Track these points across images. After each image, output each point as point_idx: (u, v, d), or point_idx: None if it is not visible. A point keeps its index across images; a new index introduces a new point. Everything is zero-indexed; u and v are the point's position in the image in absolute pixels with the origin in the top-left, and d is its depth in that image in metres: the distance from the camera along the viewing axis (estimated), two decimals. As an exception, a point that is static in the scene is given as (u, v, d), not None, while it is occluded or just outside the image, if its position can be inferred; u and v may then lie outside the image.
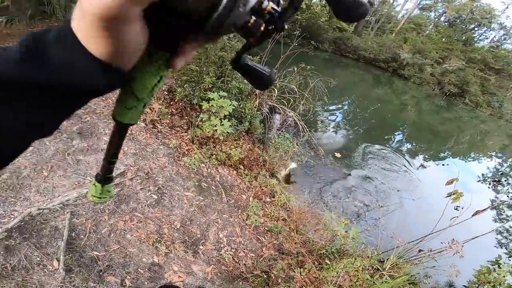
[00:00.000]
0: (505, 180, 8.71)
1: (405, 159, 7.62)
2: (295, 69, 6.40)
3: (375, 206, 5.05)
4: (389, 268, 2.79)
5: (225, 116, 3.70)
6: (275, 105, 5.74)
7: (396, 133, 10.37)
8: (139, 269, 2.11)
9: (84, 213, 2.27)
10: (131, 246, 2.23)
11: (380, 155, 7.34)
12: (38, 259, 1.87)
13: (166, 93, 4.57)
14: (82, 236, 2.12)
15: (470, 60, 23.46)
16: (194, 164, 3.43)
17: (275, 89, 5.80)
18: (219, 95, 3.73)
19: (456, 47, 24.32)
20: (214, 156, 3.78)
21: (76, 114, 3.04)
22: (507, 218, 5.71)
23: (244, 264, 2.61)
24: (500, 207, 5.37)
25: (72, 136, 2.90)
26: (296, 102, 5.96)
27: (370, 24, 27.48)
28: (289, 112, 5.65)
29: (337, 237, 3.23)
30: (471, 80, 21.11)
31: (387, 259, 2.94)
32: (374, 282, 2.43)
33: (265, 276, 2.53)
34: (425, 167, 7.89)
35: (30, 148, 1.23)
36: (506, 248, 3.77)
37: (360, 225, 4.55)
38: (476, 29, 28.62)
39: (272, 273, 2.56)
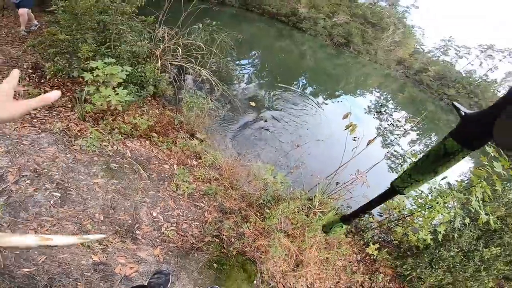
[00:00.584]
0: (384, 111, 11.16)
1: (310, 99, 8.68)
2: (200, 25, 5.97)
3: (291, 147, 5.47)
4: (318, 205, 3.22)
5: (119, 84, 3.25)
6: (182, 64, 5.34)
7: (300, 78, 11.58)
8: (84, 273, 1.80)
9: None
10: (60, 252, 1.85)
11: (289, 98, 8.12)
12: None
13: (31, 71, 3.59)
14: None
15: (353, 15, 26.95)
16: (93, 145, 2.88)
17: (179, 47, 5.33)
18: (104, 62, 3.22)
19: (343, 3, 27.21)
20: (116, 130, 3.30)
21: None
22: (392, 143, 7.30)
23: (192, 235, 2.54)
24: (384, 133, 6.76)
25: None
26: (205, 58, 5.71)
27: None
28: (200, 69, 5.36)
29: (268, 184, 3.35)
30: (354, 32, 25.10)
31: (314, 196, 3.38)
32: (311, 221, 2.79)
33: (217, 240, 2.54)
34: (326, 104, 9.20)
35: None
36: (396, 172, 4.74)
37: (283, 169, 4.87)
38: (359, -14, 31.86)
39: (223, 235, 2.59)
